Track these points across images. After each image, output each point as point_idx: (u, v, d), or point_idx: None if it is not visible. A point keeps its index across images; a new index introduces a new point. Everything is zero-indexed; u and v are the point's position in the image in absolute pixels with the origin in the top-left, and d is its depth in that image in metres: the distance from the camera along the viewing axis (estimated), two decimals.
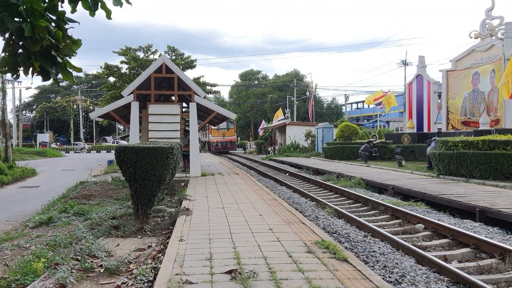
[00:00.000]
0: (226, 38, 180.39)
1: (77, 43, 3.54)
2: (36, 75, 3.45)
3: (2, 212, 12.22)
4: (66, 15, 3.46)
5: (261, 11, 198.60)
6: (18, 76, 3.48)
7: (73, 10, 3.55)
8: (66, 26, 3.47)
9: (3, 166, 22.87)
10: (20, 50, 3.30)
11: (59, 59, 3.40)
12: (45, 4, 3.33)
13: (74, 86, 74.74)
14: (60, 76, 3.57)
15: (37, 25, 3.10)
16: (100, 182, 14.75)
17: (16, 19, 3.10)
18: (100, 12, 3.56)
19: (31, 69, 3.39)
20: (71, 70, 3.59)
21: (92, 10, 3.47)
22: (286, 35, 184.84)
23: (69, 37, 3.51)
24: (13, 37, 3.20)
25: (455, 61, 25.09)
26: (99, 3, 3.50)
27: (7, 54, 3.31)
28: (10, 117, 43.92)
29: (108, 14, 3.56)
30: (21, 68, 3.38)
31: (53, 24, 3.38)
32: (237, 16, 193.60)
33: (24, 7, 3.09)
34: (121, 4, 3.50)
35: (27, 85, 63.80)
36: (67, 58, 3.53)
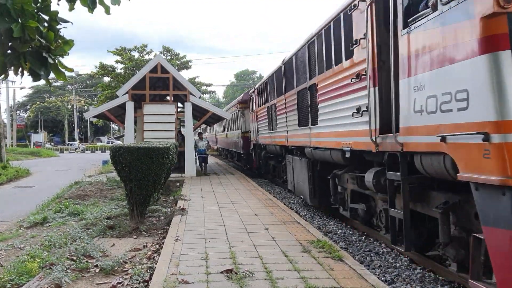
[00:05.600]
0: (221, 37, 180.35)
1: (69, 43, 3.54)
2: (28, 75, 3.44)
3: None
4: (61, 14, 3.46)
5: (256, 10, 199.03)
6: (7, 76, 3.48)
7: (71, 8, 3.54)
8: (58, 27, 3.46)
9: None
10: (9, 51, 3.28)
11: (50, 60, 3.39)
12: (37, 5, 3.31)
13: (69, 86, 74.38)
14: (53, 75, 3.57)
15: (27, 26, 3.07)
16: (95, 182, 14.69)
17: (7, 19, 3.08)
18: (96, 10, 3.56)
19: (20, 69, 3.38)
20: (63, 70, 3.59)
21: (91, 8, 3.47)
22: (280, 34, 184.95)
23: (61, 37, 3.50)
24: (2, 38, 3.17)
25: None
26: (97, 0, 3.50)
27: None
28: (4, 117, 43.71)
29: (107, 10, 3.56)
30: (11, 69, 3.37)
31: (45, 24, 3.36)
32: (232, 15, 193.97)
33: (15, 7, 3.06)
34: (118, 3, 3.50)
35: (21, 85, 63.47)
36: (60, 58, 3.53)
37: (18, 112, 69.54)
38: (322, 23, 8.26)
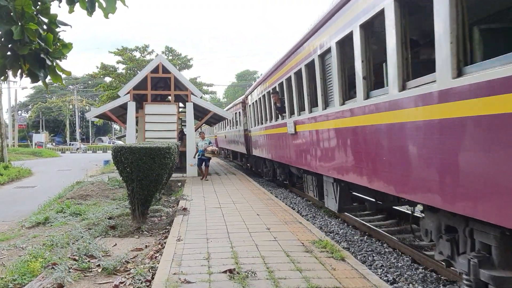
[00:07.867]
0: (222, 37, 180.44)
1: (67, 46, 3.55)
2: (25, 77, 3.46)
3: None
4: (62, 17, 3.48)
5: (256, 10, 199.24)
6: (6, 78, 3.50)
7: (71, 11, 3.56)
8: (58, 30, 3.47)
9: None
10: (9, 53, 3.28)
11: (48, 62, 3.39)
12: (37, 7, 3.32)
13: (70, 86, 74.47)
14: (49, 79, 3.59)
15: (27, 28, 3.07)
16: (97, 182, 14.71)
17: (6, 22, 3.08)
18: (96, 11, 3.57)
19: (19, 71, 3.39)
20: (60, 73, 3.60)
21: (89, 11, 3.49)
22: (278, 35, 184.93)
23: (60, 40, 3.52)
24: (2, 40, 3.17)
25: None
26: (97, 3, 3.51)
27: None
28: (6, 117, 43.77)
29: (106, 14, 3.58)
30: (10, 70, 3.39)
31: (44, 27, 3.37)
32: (232, 15, 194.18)
33: (16, 9, 3.07)
34: (114, 10, 3.53)
35: (23, 86, 63.63)
36: (57, 61, 3.54)
37: (19, 112, 69.63)
38: None
